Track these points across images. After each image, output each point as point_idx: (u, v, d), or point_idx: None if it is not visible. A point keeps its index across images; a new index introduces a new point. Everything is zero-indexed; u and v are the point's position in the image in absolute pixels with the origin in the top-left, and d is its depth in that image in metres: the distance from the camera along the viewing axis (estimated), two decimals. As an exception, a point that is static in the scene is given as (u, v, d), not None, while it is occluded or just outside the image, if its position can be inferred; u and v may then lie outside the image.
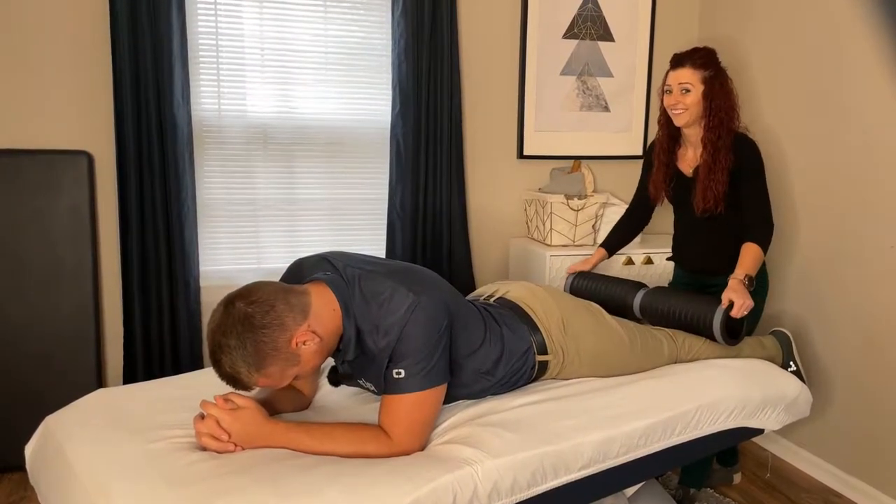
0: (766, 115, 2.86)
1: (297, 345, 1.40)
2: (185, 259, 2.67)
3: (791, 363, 2.16)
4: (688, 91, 2.13)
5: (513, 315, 1.79)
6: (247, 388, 1.39)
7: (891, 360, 2.38)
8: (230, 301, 1.38)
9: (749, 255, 2.07)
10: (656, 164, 2.34)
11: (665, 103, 2.21)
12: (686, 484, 2.44)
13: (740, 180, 2.14)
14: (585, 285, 2.30)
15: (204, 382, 1.74)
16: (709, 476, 2.51)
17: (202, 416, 1.41)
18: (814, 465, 2.71)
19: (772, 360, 2.14)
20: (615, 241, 2.50)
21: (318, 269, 1.59)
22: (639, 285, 2.20)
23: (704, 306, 2.01)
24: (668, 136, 2.30)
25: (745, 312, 1.97)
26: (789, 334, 2.22)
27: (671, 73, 2.18)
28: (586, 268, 2.41)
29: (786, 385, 1.98)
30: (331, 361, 1.71)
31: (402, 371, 1.44)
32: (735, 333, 2.03)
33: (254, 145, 2.80)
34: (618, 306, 2.20)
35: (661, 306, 2.10)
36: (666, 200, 2.39)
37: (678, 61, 2.16)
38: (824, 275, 2.62)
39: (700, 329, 2.03)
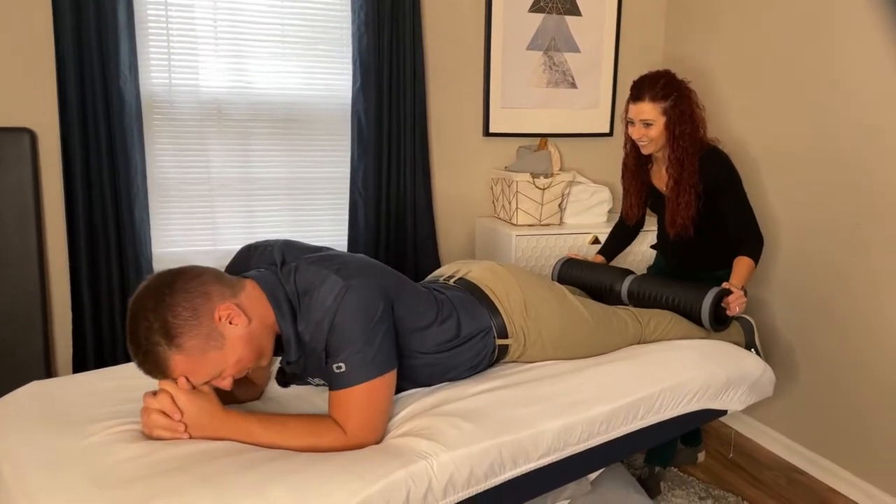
0: (734, 121, 2.82)
1: (220, 319, 1.31)
2: (135, 240, 2.56)
3: (753, 349, 2.17)
4: (650, 125, 2.13)
5: (471, 298, 1.73)
6: (163, 369, 1.28)
7: (853, 339, 2.38)
8: (158, 272, 1.32)
9: (742, 267, 2.12)
10: (628, 188, 2.37)
11: (630, 135, 2.21)
12: (652, 462, 2.43)
13: (718, 199, 2.15)
14: (573, 272, 2.31)
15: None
16: (674, 455, 2.51)
17: (154, 394, 1.32)
18: (777, 442, 2.72)
19: (736, 346, 2.12)
20: (611, 249, 2.55)
21: (264, 259, 1.53)
22: (626, 272, 2.22)
23: (694, 292, 2.05)
24: (636, 159, 2.31)
25: (740, 311, 2.04)
26: (752, 322, 2.23)
27: (632, 106, 2.16)
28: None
29: (749, 365, 1.96)
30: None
31: (343, 364, 1.37)
32: (722, 320, 2.08)
33: (207, 121, 2.68)
34: (605, 292, 2.21)
35: (649, 291, 2.12)
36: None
37: (637, 94, 2.13)
38: (787, 255, 2.61)
39: (688, 313, 2.06)
